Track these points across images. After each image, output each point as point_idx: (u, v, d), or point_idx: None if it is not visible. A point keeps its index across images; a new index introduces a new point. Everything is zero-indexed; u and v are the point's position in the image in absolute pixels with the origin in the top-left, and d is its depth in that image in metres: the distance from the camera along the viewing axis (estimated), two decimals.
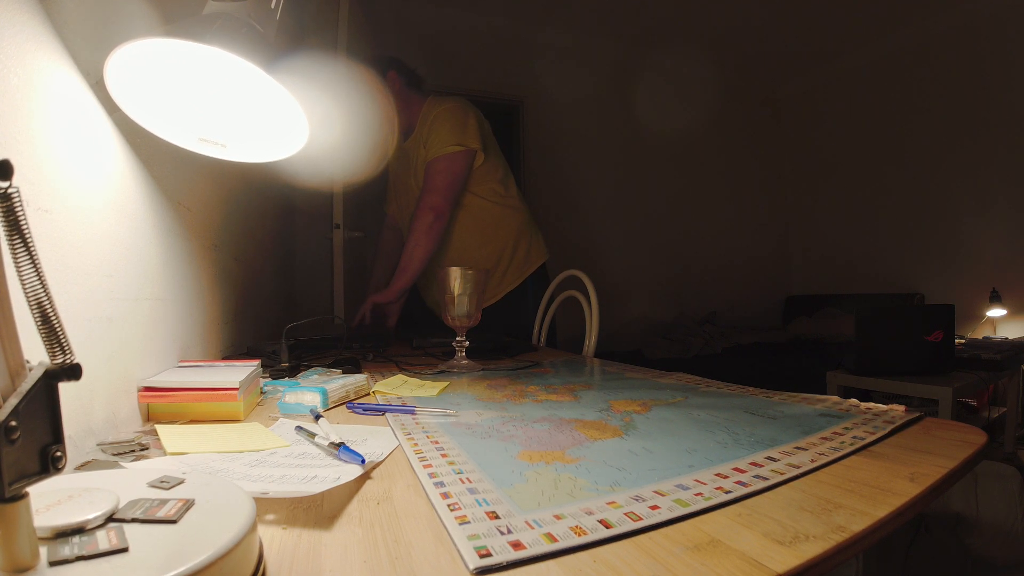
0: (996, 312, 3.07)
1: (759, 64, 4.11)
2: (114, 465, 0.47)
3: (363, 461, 0.46)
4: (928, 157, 3.52)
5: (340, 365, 1.02)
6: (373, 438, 0.56)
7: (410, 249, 1.60)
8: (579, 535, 0.33)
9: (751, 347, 3.35)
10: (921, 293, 3.50)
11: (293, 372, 0.97)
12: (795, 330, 3.72)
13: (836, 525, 0.34)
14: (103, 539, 0.26)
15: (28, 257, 0.24)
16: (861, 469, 0.45)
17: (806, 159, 4.40)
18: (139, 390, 0.65)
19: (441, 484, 0.42)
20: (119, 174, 0.64)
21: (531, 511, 0.37)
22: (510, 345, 1.37)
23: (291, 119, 0.66)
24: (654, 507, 0.37)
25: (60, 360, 0.25)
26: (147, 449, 0.53)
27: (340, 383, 0.78)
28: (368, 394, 0.84)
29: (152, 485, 0.33)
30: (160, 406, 0.66)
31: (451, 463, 0.48)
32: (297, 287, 2.27)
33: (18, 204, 0.24)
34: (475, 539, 0.33)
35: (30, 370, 0.24)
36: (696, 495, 0.39)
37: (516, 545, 0.32)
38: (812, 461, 0.46)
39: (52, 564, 0.24)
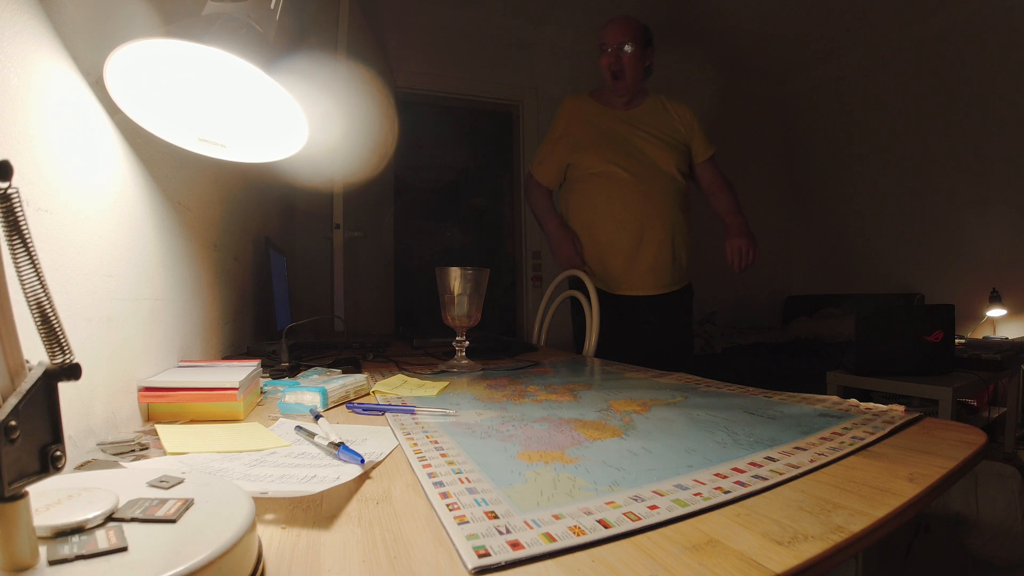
0: (996, 312, 3.06)
1: (759, 64, 4.11)
2: (114, 465, 0.47)
3: (362, 461, 0.46)
4: (928, 157, 3.51)
5: (340, 365, 1.02)
6: (373, 438, 0.57)
7: (733, 199, 2.15)
8: (578, 535, 0.33)
9: (751, 347, 3.34)
10: (921, 293, 3.50)
11: (293, 372, 0.98)
12: (795, 330, 3.71)
13: (835, 525, 0.34)
14: (102, 538, 0.26)
15: (28, 257, 0.24)
16: (860, 469, 0.45)
17: (806, 159, 4.39)
18: (139, 390, 0.65)
19: (440, 484, 0.43)
20: (119, 174, 0.64)
21: (530, 511, 0.37)
22: (510, 345, 1.37)
23: (291, 119, 0.66)
24: (653, 507, 0.37)
25: (60, 360, 0.25)
26: (147, 449, 0.53)
27: (340, 383, 0.78)
28: (368, 394, 0.84)
29: (152, 485, 0.33)
30: (160, 406, 0.66)
31: (450, 463, 0.48)
32: (297, 287, 2.27)
33: (18, 204, 0.24)
34: (474, 539, 0.33)
35: (30, 370, 0.24)
36: (695, 495, 0.39)
37: (515, 545, 0.32)
38: (811, 461, 0.46)
39: (52, 563, 0.24)
